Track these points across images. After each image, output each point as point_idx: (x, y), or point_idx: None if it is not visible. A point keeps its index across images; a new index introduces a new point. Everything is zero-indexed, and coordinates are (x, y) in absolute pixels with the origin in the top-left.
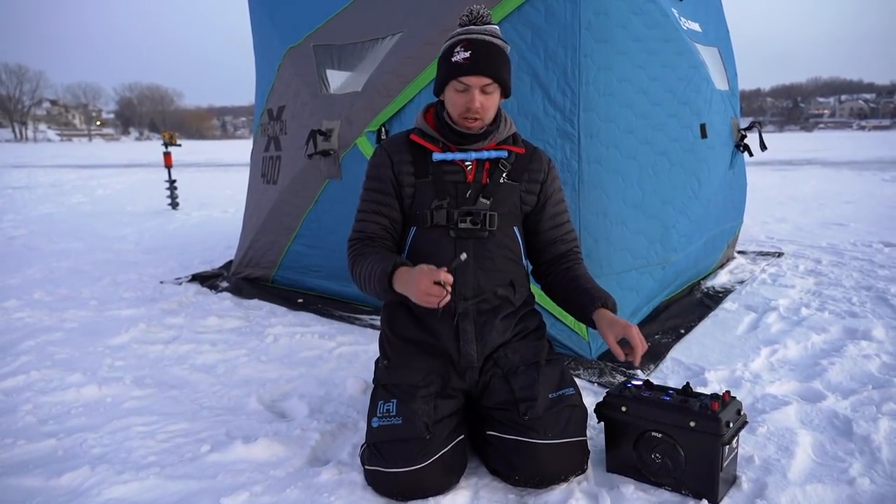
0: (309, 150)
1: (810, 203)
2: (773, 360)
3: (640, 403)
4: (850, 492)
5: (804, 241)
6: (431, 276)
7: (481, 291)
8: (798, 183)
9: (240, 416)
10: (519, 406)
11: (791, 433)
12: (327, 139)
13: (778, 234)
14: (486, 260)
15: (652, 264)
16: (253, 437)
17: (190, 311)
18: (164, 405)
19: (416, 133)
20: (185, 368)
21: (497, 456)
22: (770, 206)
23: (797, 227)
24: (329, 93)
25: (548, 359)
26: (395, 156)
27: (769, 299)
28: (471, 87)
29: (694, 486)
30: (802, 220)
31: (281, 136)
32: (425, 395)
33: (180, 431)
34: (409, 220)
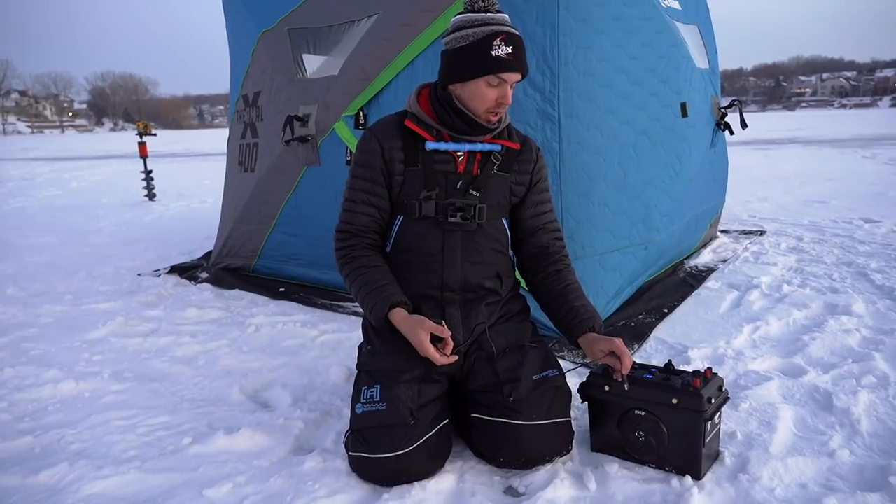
0: (286, 137)
1: (792, 181)
2: (755, 336)
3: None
4: (830, 463)
5: (786, 219)
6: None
7: (468, 284)
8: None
9: (222, 407)
10: (503, 388)
11: (773, 408)
12: (304, 125)
13: (760, 213)
14: (473, 252)
15: (634, 245)
16: (235, 428)
17: (169, 303)
18: (144, 398)
19: (411, 119)
20: (164, 361)
21: (482, 439)
22: (753, 185)
23: (779, 205)
24: (305, 77)
25: (532, 341)
26: (386, 142)
27: (751, 277)
28: (506, 83)
29: (677, 462)
30: (785, 198)
31: (257, 122)
32: (409, 380)
33: (161, 424)
34: (396, 209)
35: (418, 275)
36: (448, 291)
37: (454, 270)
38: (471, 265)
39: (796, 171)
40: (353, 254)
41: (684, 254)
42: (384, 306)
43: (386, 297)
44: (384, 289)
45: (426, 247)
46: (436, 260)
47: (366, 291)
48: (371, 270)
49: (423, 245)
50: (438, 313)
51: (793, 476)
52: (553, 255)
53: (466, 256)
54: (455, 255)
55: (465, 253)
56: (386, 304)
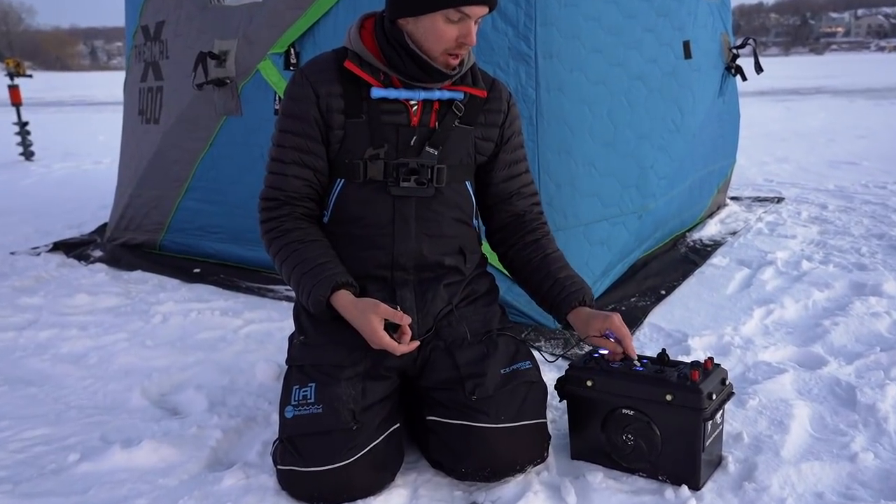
0: (198, 79)
1: (817, 139)
2: (767, 322)
3: (609, 376)
4: (851, 469)
5: (808, 183)
6: (381, 334)
7: (424, 261)
8: (804, 115)
9: (119, 415)
10: (465, 384)
11: (786, 405)
12: (221, 64)
13: (778, 176)
14: (431, 223)
15: (626, 213)
16: (136, 440)
17: (52, 288)
18: (19, 407)
19: (352, 59)
20: (45, 360)
21: (440, 445)
22: (770, 144)
23: (801, 167)
24: (222, 4)
25: (500, 328)
26: (322, 87)
27: (765, 252)
28: (469, 19)
29: (672, 470)
30: (807, 159)
31: (161, 60)
32: (351, 377)
33: (40, 438)
34: (336, 170)
35: (363, 251)
36: (400, 271)
37: (407, 245)
38: (427, 239)
39: (822, 126)
40: (283, 226)
41: (686, 225)
42: (325, 288)
43: (328, 278)
44: (324, 267)
45: (373, 217)
46: (385, 233)
47: (301, 271)
48: (307, 246)
49: (369, 215)
50: (388, 296)
51: (807, 484)
52: (530, 222)
53: (422, 228)
54: (408, 227)
55: (420, 224)
56: (327, 285)
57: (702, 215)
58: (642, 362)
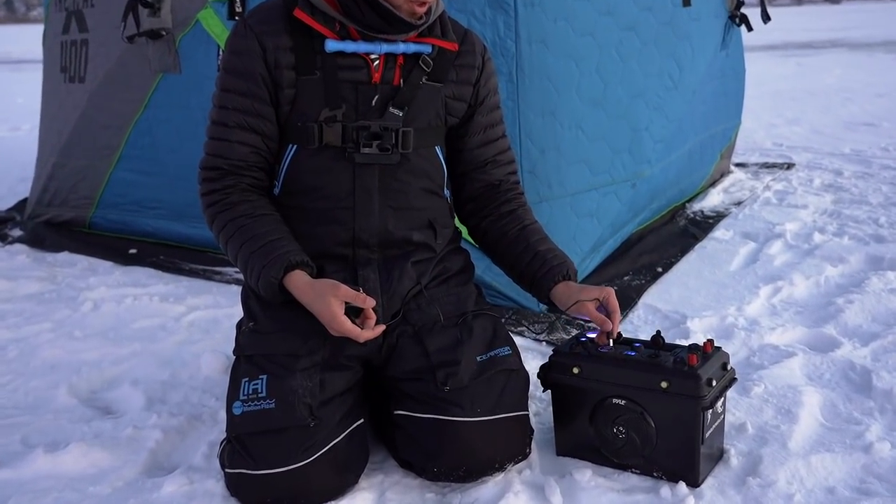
0: (128, 31)
1: (832, 98)
2: (775, 301)
3: (597, 362)
4: (866, 461)
5: (822, 147)
6: (341, 319)
7: (389, 237)
8: (818, 72)
9: (42, 415)
10: (436, 374)
11: (795, 392)
12: (155, 13)
13: (789, 140)
14: (397, 195)
15: (618, 182)
16: (62, 443)
17: None
18: None
19: (303, 7)
20: None
21: (409, 443)
22: (780, 104)
23: (814, 129)
24: None
25: (476, 310)
26: (269, 40)
27: (773, 224)
28: None
29: (668, 465)
30: (821, 120)
31: (85, 9)
32: (307, 368)
33: None
34: (287, 135)
35: (320, 227)
36: (362, 248)
37: (370, 220)
38: (393, 212)
39: (838, 84)
40: (227, 199)
41: (686, 195)
42: (277, 269)
43: (280, 257)
44: (276, 245)
45: (330, 188)
46: (344, 206)
47: (249, 250)
48: (256, 221)
49: (325, 186)
50: (349, 277)
51: (818, 478)
52: (505, 192)
53: (387, 200)
54: (370, 199)
55: (384, 195)
56: (280, 265)
57: (703, 184)
58: (635, 346)
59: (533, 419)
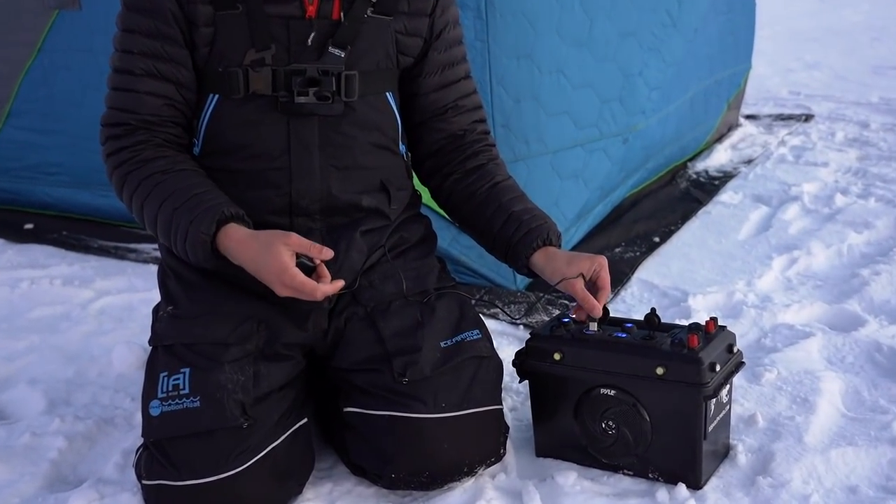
0: None
1: (858, 38)
2: (790, 273)
3: (582, 347)
4: (893, 455)
5: (846, 95)
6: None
7: (334, 202)
8: (842, 7)
9: None
10: (393, 363)
11: (812, 378)
12: None
13: (807, 87)
14: (341, 151)
15: (607, 137)
16: None
17: None
18: None
19: None
20: None
21: (362, 445)
22: (797, 45)
23: (837, 74)
24: None
25: (439, 287)
26: None
27: (789, 185)
28: None
29: (666, 464)
30: (845, 63)
31: None
32: (239, 358)
33: None
34: (206, 83)
35: (250, 192)
36: (302, 216)
37: (310, 182)
38: (337, 172)
39: (866, 22)
40: (139, 156)
41: (687, 152)
42: (209, 222)
43: (211, 209)
44: (204, 197)
45: (261, 145)
46: (279, 166)
47: (172, 207)
48: (177, 175)
49: (255, 143)
50: None
51: (838, 476)
52: (471, 144)
53: (329, 159)
54: (310, 158)
55: (326, 153)
56: (211, 217)
57: (708, 139)
58: (626, 327)
59: (508, 415)
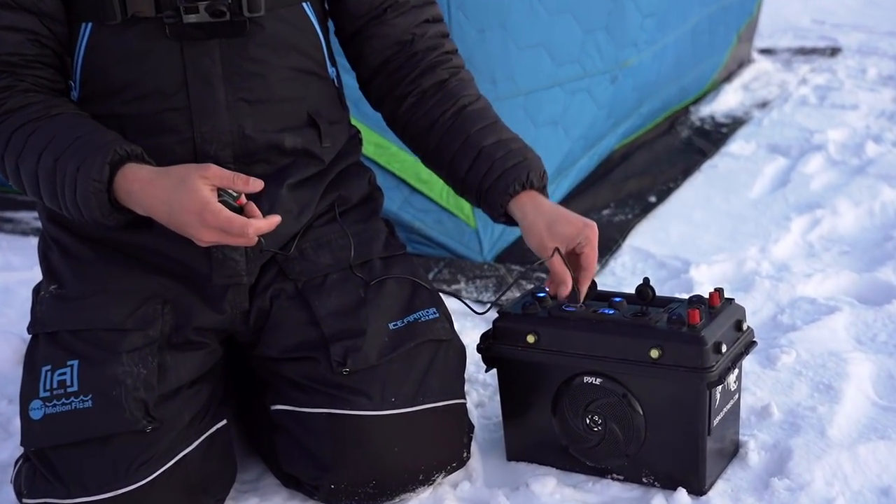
0: None
1: None
2: (812, 237)
3: (562, 326)
4: None
5: (879, 24)
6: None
7: (249, 146)
8: None
9: None
10: (331, 350)
11: (837, 360)
12: None
13: (833, 16)
14: (251, 81)
15: (592, 75)
16: None
17: None
18: None
19: None
20: None
21: (294, 450)
22: None
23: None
24: None
25: (385, 256)
26: None
27: (811, 132)
28: None
29: (663, 466)
30: None
31: None
32: (140, 347)
33: None
34: (76, 10)
35: (145, 140)
36: (209, 157)
37: (216, 122)
38: (249, 107)
39: None
40: (3, 106)
41: (689, 94)
42: (99, 165)
43: (98, 149)
44: (90, 139)
45: (151, 81)
46: (175, 106)
47: (52, 158)
48: (54, 120)
49: (144, 79)
50: None
51: (867, 475)
52: (425, 54)
53: (238, 91)
54: (213, 92)
55: (233, 84)
56: (101, 158)
57: (714, 78)
58: (614, 302)
59: (473, 411)
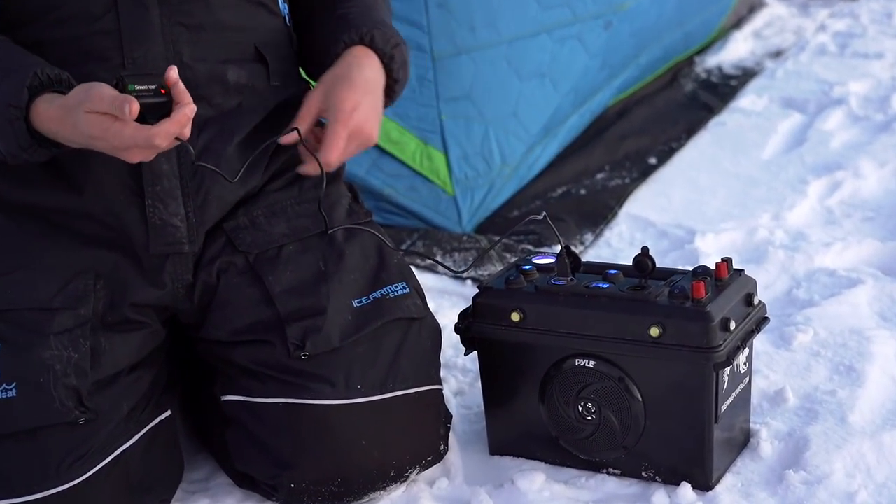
0: None
1: None
2: (831, 202)
3: (550, 302)
4: None
5: None
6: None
7: (189, 78)
8: None
9: None
10: (287, 331)
11: (860, 339)
12: None
13: None
14: (190, 3)
15: (583, 19)
16: None
17: None
18: None
19: None
20: None
21: (249, 446)
22: None
23: None
24: None
25: (350, 225)
26: None
27: (830, 84)
28: None
29: (665, 459)
30: None
31: None
32: (70, 328)
33: None
34: None
35: (69, 69)
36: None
37: (150, 47)
38: (188, 33)
39: None
40: None
41: (694, 42)
42: (17, 89)
43: (17, 72)
44: (11, 61)
45: (76, 2)
46: (104, 29)
47: None
48: None
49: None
50: (125, 172)
51: (893, 466)
52: None
53: (175, 14)
54: (146, 14)
55: (169, 6)
56: (18, 82)
57: (721, 24)
58: (608, 275)
59: (451, 400)
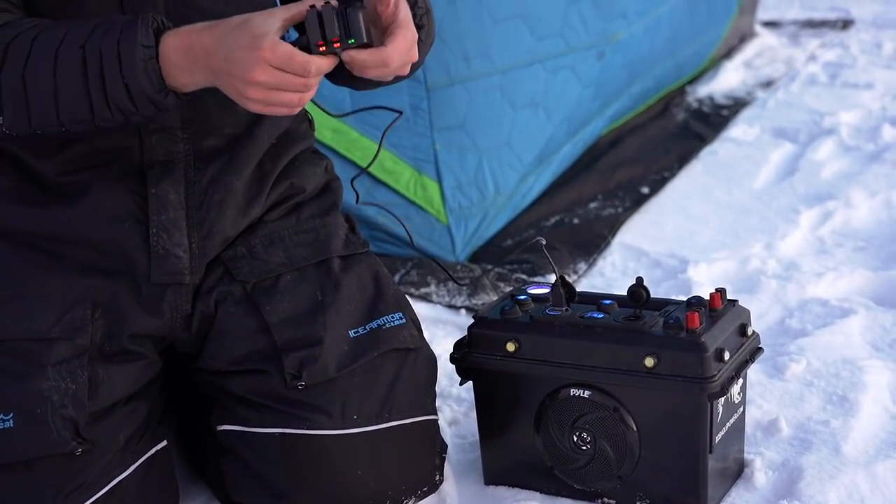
0: None
1: None
2: (823, 232)
3: (545, 332)
4: None
5: None
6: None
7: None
8: None
9: None
10: (284, 361)
11: (852, 369)
12: None
13: None
14: None
15: (577, 50)
16: None
17: None
18: None
19: None
20: None
21: (244, 476)
22: None
23: None
24: None
25: (345, 255)
26: None
27: (821, 114)
28: None
29: (659, 488)
30: None
31: None
32: (68, 359)
33: None
34: None
35: None
36: (156, 132)
37: None
38: None
39: None
40: None
41: (686, 72)
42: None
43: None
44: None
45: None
46: None
47: (77, 42)
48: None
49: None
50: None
51: (886, 496)
52: None
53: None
54: None
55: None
56: (143, 23)
57: (713, 54)
58: (603, 305)
59: (446, 430)
